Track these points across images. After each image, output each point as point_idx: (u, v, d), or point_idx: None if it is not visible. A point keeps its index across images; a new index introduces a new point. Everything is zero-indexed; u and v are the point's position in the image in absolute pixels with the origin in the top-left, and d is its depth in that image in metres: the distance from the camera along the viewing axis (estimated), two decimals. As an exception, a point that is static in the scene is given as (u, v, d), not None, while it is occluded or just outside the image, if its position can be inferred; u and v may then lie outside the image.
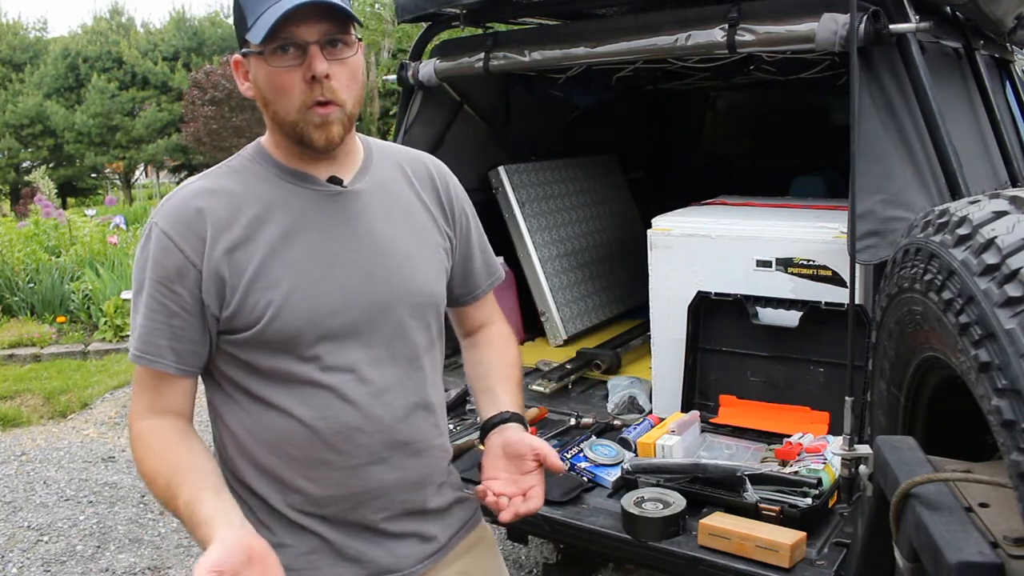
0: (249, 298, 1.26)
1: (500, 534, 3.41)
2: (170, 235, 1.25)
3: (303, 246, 1.29)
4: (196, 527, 1.17)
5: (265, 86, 1.25)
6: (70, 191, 20.48)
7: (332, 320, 1.29)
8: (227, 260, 1.26)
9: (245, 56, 1.28)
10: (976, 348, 1.07)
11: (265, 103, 1.28)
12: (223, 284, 1.26)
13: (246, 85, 1.30)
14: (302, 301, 1.27)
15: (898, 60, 2.04)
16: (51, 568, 3.46)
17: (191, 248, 1.25)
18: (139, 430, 1.31)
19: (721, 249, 2.45)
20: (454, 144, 3.29)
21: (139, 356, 1.28)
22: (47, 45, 22.01)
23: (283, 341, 1.27)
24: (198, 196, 1.28)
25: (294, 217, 1.30)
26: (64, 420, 5.25)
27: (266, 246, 1.27)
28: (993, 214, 1.16)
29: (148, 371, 1.30)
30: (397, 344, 1.36)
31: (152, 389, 1.31)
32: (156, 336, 1.27)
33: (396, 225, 1.38)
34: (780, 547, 1.76)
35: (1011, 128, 2.67)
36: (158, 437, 1.29)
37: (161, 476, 1.24)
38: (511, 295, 3.50)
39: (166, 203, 1.30)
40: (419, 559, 1.40)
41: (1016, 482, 0.96)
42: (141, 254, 1.29)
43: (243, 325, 1.26)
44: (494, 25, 3.12)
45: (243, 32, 1.25)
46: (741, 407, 2.45)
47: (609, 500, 2.12)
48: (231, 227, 1.27)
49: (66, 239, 7.74)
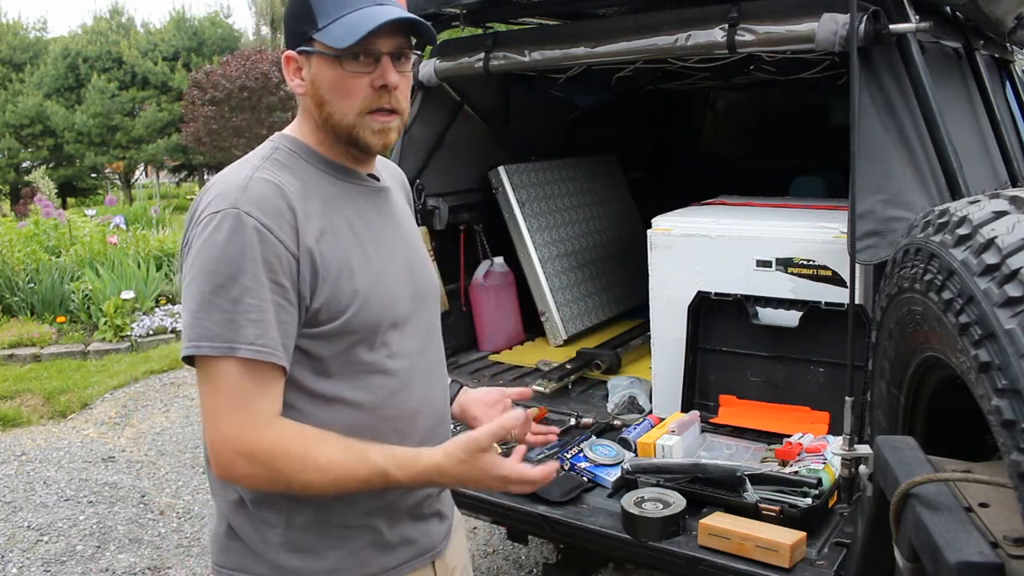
0: (337, 288, 1.25)
1: (500, 534, 3.41)
2: (267, 225, 1.19)
3: (366, 237, 1.32)
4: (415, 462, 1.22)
5: (328, 87, 1.26)
6: (70, 191, 20.47)
7: (397, 309, 1.33)
8: (318, 250, 1.23)
9: (305, 55, 1.27)
10: (976, 348, 1.07)
11: (321, 103, 1.28)
12: (316, 274, 1.23)
13: (297, 82, 1.30)
14: (378, 290, 1.30)
15: (898, 60, 2.04)
16: (51, 568, 3.46)
17: (288, 238, 1.20)
18: (275, 439, 1.19)
19: (721, 249, 2.45)
20: (454, 144, 3.30)
21: (262, 350, 1.17)
22: (47, 45, 21.99)
23: (364, 331, 1.28)
24: (274, 184, 1.23)
25: (352, 210, 1.32)
26: (64, 420, 5.25)
27: (343, 236, 1.28)
28: (993, 214, 1.17)
29: (254, 372, 1.18)
30: (432, 330, 1.44)
31: (260, 392, 1.19)
32: (269, 329, 1.18)
33: (410, 221, 1.48)
34: (780, 547, 1.76)
35: (1011, 128, 2.67)
36: (298, 434, 1.21)
37: (337, 467, 1.20)
38: (511, 295, 3.51)
39: (244, 192, 1.21)
40: (443, 536, 1.46)
41: (1016, 482, 0.96)
42: (229, 245, 1.17)
43: (329, 316, 1.24)
44: (494, 25, 3.12)
45: (308, 30, 1.25)
46: (741, 407, 2.45)
47: (609, 500, 2.12)
48: (310, 218, 1.24)
49: (66, 239, 7.74)
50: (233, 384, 1.18)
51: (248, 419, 1.18)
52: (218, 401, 1.19)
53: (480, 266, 3.46)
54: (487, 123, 3.48)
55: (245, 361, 1.17)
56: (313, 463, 1.19)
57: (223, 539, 1.33)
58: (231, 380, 1.18)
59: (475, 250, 3.48)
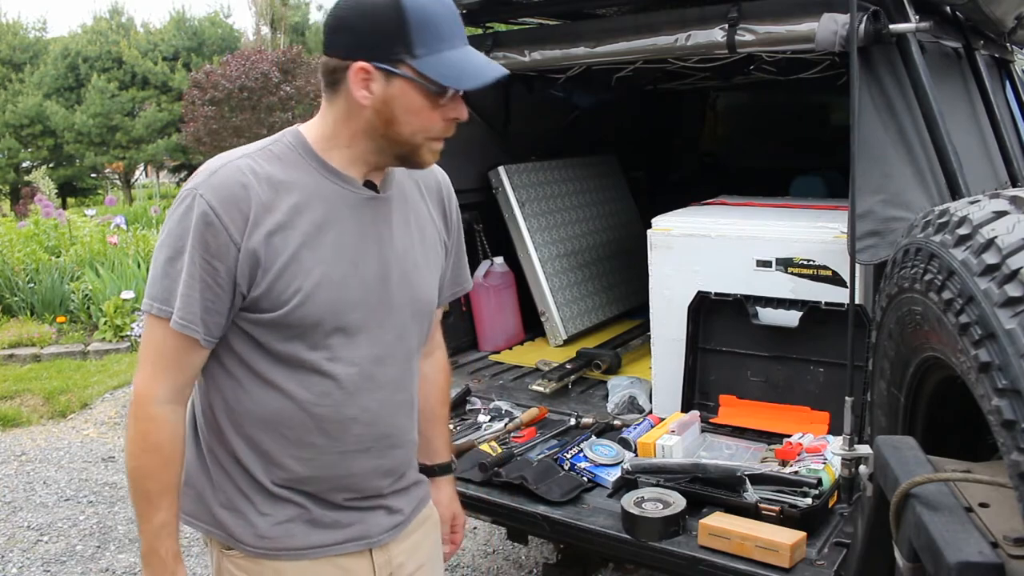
0: (279, 282, 1.31)
1: (500, 534, 3.41)
2: (216, 210, 1.27)
3: (334, 241, 1.35)
4: (157, 548, 1.35)
5: (408, 111, 1.31)
6: (70, 191, 20.46)
7: (349, 315, 1.37)
8: (265, 242, 1.30)
9: (388, 73, 1.28)
10: (976, 348, 1.07)
11: (392, 121, 1.31)
12: (257, 265, 1.30)
13: (363, 93, 1.30)
14: (327, 292, 1.34)
15: (898, 60, 2.04)
16: (51, 568, 3.46)
17: (234, 227, 1.28)
18: (154, 416, 1.33)
19: (721, 249, 2.45)
20: (454, 144, 3.23)
21: (181, 323, 1.29)
22: (47, 45, 21.98)
23: (302, 327, 1.34)
24: (244, 174, 1.30)
25: (330, 212, 1.35)
26: (64, 420, 5.25)
27: (302, 234, 1.32)
28: (993, 214, 1.16)
29: (177, 340, 1.31)
30: (398, 344, 1.45)
31: (176, 362, 1.33)
32: (192, 304, 1.29)
33: (411, 234, 1.47)
34: (780, 547, 1.76)
35: (1011, 128, 2.67)
36: (173, 438, 1.36)
37: (157, 481, 1.35)
38: (511, 295, 3.51)
39: (211, 176, 1.30)
40: (386, 529, 1.51)
41: (1016, 482, 0.96)
42: (182, 222, 1.29)
43: (269, 307, 1.32)
44: (494, 25, 3.12)
45: (399, 51, 1.27)
46: (741, 407, 2.45)
47: (609, 500, 2.12)
48: (272, 211, 1.30)
49: (66, 239, 7.73)
50: (161, 345, 1.33)
51: (154, 384, 1.33)
52: (145, 354, 1.35)
53: (480, 266, 3.46)
54: (487, 123, 3.47)
55: (173, 330, 1.30)
56: (147, 462, 1.34)
57: (183, 486, 1.43)
58: (161, 341, 1.32)
59: (475, 250, 3.48)
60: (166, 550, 1.37)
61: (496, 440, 2.46)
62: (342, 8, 1.31)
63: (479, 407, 2.72)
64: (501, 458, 2.28)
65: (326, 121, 1.37)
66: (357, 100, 1.31)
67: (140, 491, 1.35)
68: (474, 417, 2.65)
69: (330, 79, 1.33)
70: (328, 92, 1.35)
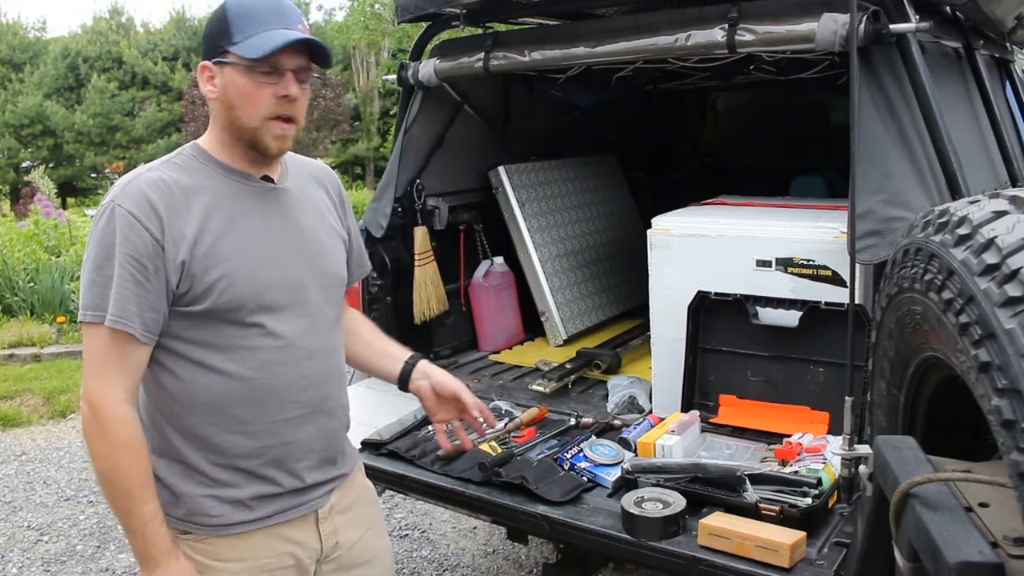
0: (204, 274, 1.45)
1: (500, 534, 3.42)
2: (135, 215, 1.41)
3: (246, 231, 1.51)
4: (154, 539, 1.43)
5: (237, 94, 1.47)
6: (70, 191, 20.48)
7: (270, 294, 1.51)
8: (184, 240, 1.44)
9: (220, 64, 1.47)
10: (976, 348, 1.07)
11: (229, 107, 1.48)
12: (181, 260, 1.43)
13: (209, 88, 1.50)
14: (247, 276, 1.48)
15: (898, 60, 2.04)
16: (51, 568, 3.46)
17: (154, 227, 1.42)
18: (116, 416, 1.42)
19: (721, 249, 2.45)
20: (454, 144, 3.30)
21: (115, 320, 1.40)
22: (47, 45, 22.00)
23: (230, 311, 1.47)
24: (155, 185, 1.45)
25: (238, 207, 1.51)
26: (64, 420, 5.25)
27: (217, 230, 1.47)
28: (993, 214, 1.16)
29: (116, 339, 1.41)
30: (320, 315, 1.61)
31: (119, 361, 1.43)
32: (127, 303, 1.40)
33: (312, 218, 1.64)
34: (780, 547, 1.76)
35: (1011, 128, 2.67)
36: (140, 433, 1.45)
37: (136, 475, 1.43)
38: (511, 295, 3.51)
39: (124, 188, 1.44)
40: (327, 491, 1.65)
41: (1016, 482, 0.96)
42: (105, 229, 1.41)
43: (196, 297, 1.45)
44: (494, 25, 3.12)
45: (224, 43, 1.45)
46: (741, 407, 2.45)
47: (609, 500, 2.12)
48: (185, 213, 1.45)
49: (66, 239, 7.74)
50: (101, 349, 1.42)
51: (105, 386, 1.42)
52: (90, 361, 1.44)
53: (480, 266, 3.46)
54: (487, 123, 3.48)
55: (111, 330, 1.40)
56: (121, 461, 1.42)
57: None
58: (100, 345, 1.42)
59: (475, 250, 3.48)
60: (163, 537, 1.45)
61: (496, 440, 2.46)
62: (206, 21, 1.55)
63: (479, 407, 2.72)
64: (501, 458, 2.28)
65: (212, 127, 1.55)
66: (208, 96, 1.50)
67: (121, 490, 1.43)
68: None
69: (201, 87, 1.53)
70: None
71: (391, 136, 3.43)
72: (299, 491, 1.60)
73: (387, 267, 3.02)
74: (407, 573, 3.36)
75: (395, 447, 2.43)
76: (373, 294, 2.99)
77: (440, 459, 2.33)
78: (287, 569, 1.60)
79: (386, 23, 17.97)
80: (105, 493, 1.46)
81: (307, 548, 1.62)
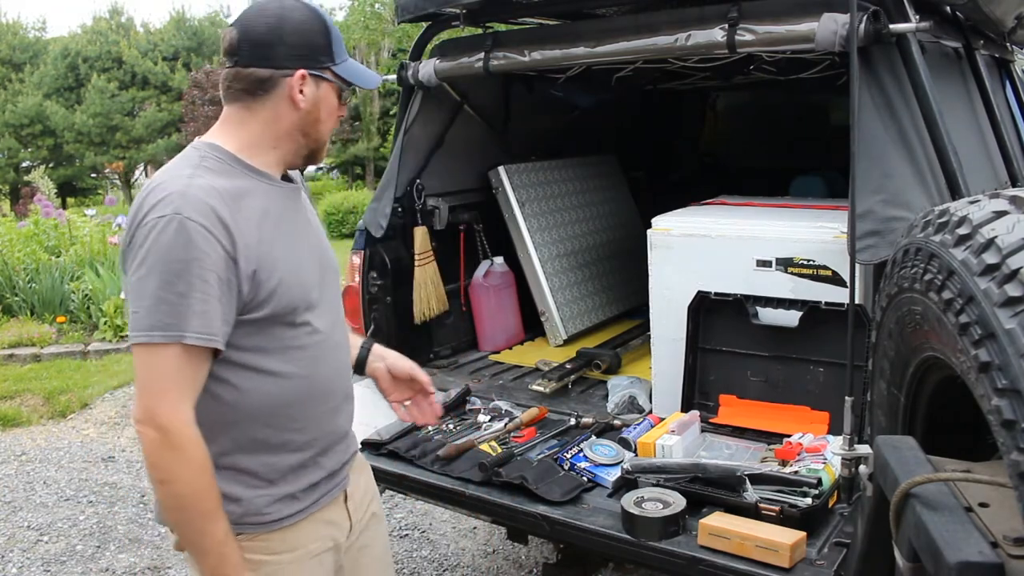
0: (267, 280, 1.44)
1: (500, 534, 3.42)
2: (207, 227, 1.36)
3: (288, 232, 1.52)
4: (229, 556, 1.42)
5: (327, 110, 1.53)
6: (70, 191, 20.48)
7: (312, 292, 1.55)
8: (250, 249, 1.42)
9: (318, 79, 1.49)
10: (976, 348, 1.07)
11: (314, 120, 1.52)
12: (252, 270, 1.42)
13: (300, 98, 1.48)
14: (295, 277, 1.50)
15: (898, 60, 2.04)
16: (51, 568, 3.46)
17: (224, 239, 1.38)
18: (191, 437, 1.38)
19: (721, 249, 2.45)
20: (454, 144, 3.30)
21: (203, 337, 1.36)
22: (47, 45, 21.99)
23: (286, 313, 1.48)
24: (212, 193, 1.40)
25: (276, 209, 1.51)
26: (64, 420, 5.25)
27: (269, 234, 1.47)
28: (993, 214, 1.16)
29: (192, 358, 1.37)
30: (338, 309, 1.68)
31: (193, 380, 1.39)
32: (213, 319, 1.37)
33: (311, 214, 1.69)
34: (780, 547, 1.76)
35: (1011, 128, 2.66)
36: (207, 453, 1.41)
37: (213, 495, 1.40)
38: (511, 295, 3.51)
39: (184, 197, 1.37)
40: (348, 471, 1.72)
41: (1016, 482, 0.96)
42: (174, 243, 1.35)
43: (258, 304, 1.44)
44: (494, 25, 3.12)
45: (325, 58, 1.49)
46: (741, 407, 2.45)
47: (609, 500, 2.12)
48: (243, 221, 1.42)
49: (66, 239, 7.73)
50: (172, 369, 1.36)
51: (179, 404, 1.37)
52: (156, 382, 1.37)
53: (480, 266, 3.46)
54: (487, 123, 3.48)
55: (187, 348, 1.36)
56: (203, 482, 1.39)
57: None
58: (171, 365, 1.36)
59: (475, 250, 3.48)
60: (236, 552, 1.44)
61: (496, 440, 2.46)
62: (265, 25, 1.47)
63: (479, 407, 2.72)
64: (501, 458, 2.28)
65: (248, 129, 1.51)
66: (293, 104, 1.48)
67: (200, 512, 1.40)
68: (474, 417, 2.65)
69: (258, 88, 1.48)
70: (249, 100, 1.49)
71: (391, 136, 3.43)
72: (334, 474, 1.64)
73: (387, 267, 3.02)
74: (407, 573, 3.36)
75: (395, 447, 2.43)
76: (373, 294, 2.99)
77: (440, 459, 2.33)
78: (327, 552, 1.63)
79: (386, 23, 17.97)
80: (177, 518, 1.43)
81: (341, 528, 1.67)
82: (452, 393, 2.75)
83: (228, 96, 1.52)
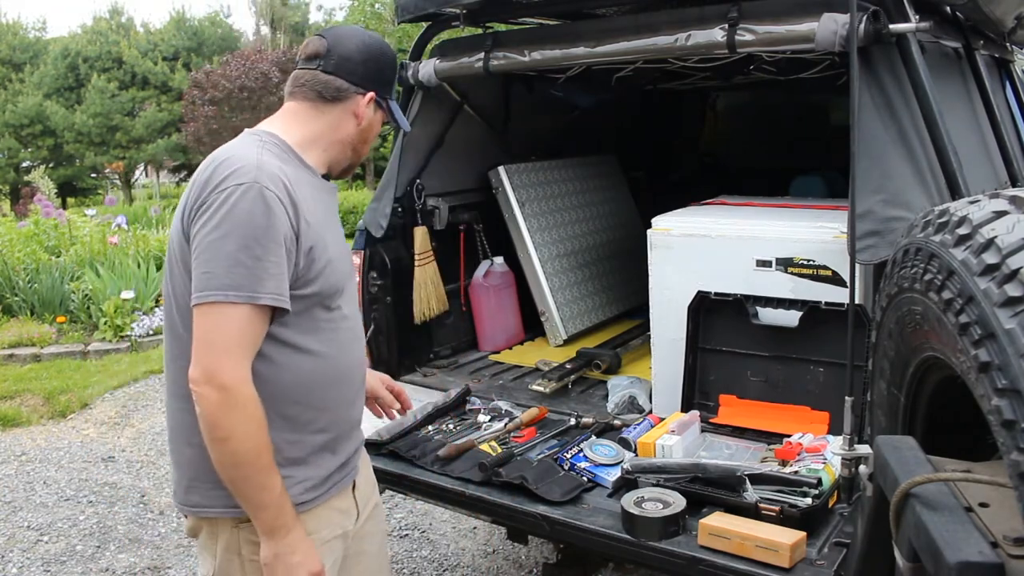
0: (318, 260, 1.55)
1: (500, 534, 3.42)
2: (281, 199, 1.48)
3: (332, 222, 1.68)
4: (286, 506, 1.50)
5: (371, 134, 1.74)
6: (70, 191, 20.47)
7: (346, 280, 1.68)
8: (308, 225, 1.53)
9: (377, 105, 1.70)
10: (976, 348, 1.07)
11: (363, 139, 1.72)
12: (309, 246, 1.53)
13: (365, 114, 1.68)
14: (339, 262, 1.63)
15: (898, 60, 2.04)
16: (51, 568, 3.46)
17: (292, 212, 1.50)
18: (251, 395, 1.46)
19: (721, 249, 2.45)
20: (454, 144, 3.30)
21: (276, 298, 1.46)
22: (47, 45, 21.99)
23: (328, 295, 1.60)
24: (284, 171, 1.53)
25: (323, 200, 1.65)
26: (64, 420, 5.25)
27: (320, 219, 1.59)
28: (993, 214, 1.16)
29: (258, 318, 1.46)
30: (356, 301, 1.79)
31: (254, 340, 1.47)
32: (283, 282, 1.48)
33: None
34: (780, 547, 1.76)
35: (1011, 128, 2.66)
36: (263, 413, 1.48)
37: (269, 450, 1.48)
38: (511, 295, 3.51)
39: (260, 170, 1.48)
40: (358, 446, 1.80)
41: (1016, 482, 0.96)
42: (253, 209, 1.44)
43: (307, 281, 1.54)
44: (494, 25, 3.12)
45: (387, 91, 1.71)
46: (741, 407, 2.45)
47: (609, 500, 2.12)
48: (301, 202, 1.53)
49: (66, 239, 7.73)
50: (238, 329, 1.44)
51: (238, 363, 1.44)
52: (222, 341, 1.43)
53: (480, 266, 3.46)
54: (487, 123, 3.48)
55: (255, 309, 1.44)
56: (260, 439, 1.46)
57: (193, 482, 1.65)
58: (238, 325, 1.44)
59: (475, 250, 3.48)
60: (291, 507, 1.52)
61: (496, 440, 2.46)
62: (356, 46, 1.66)
63: (479, 407, 2.73)
64: (501, 458, 2.28)
65: (311, 127, 1.66)
66: (356, 118, 1.67)
67: (261, 467, 1.47)
68: (474, 417, 2.65)
69: (333, 93, 1.64)
70: (320, 103, 1.65)
71: (391, 136, 3.42)
72: (346, 462, 1.71)
73: (387, 267, 3.02)
74: (407, 573, 3.36)
75: (395, 447, 2.43)
76: (373, 294, 2.99)
77: (440, 459, 2.33)
78: (337, 539, 1.69)
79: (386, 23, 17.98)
80: (237, 474, 1.47)
81: (350, 516, 1.73)
82: (452, 393, 2.75)
83: (298, 94, 1.66)
